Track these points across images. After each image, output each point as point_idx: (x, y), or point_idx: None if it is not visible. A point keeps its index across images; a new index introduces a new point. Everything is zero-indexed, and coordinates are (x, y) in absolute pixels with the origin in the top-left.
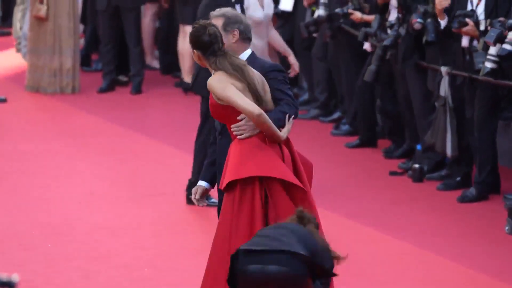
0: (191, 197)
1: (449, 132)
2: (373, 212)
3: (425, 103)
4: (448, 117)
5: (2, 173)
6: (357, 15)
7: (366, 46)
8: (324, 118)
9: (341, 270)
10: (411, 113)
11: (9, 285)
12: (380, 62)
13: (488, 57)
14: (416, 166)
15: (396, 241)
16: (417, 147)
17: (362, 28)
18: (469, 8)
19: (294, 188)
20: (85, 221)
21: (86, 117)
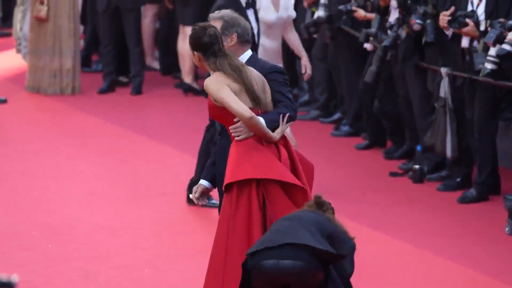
0: (191, 196)
1: (449, 133)
2: (373, 213)
3: (425, 104)
4: (448, 118)
5: (2, 174)
6: (361, 13)
7: (367, 45)
8: (324, 119)
9: None
10: (411, 114)
11: (9, 286)
12: (381, 63)
13: (488, 58)
14: (416, 167)
15: (396, 242)
16: (417, 148)
17: (363, 30)
18: (470, 9)
19: (293, 188)
20: (85, 221)
21: (86, 118)
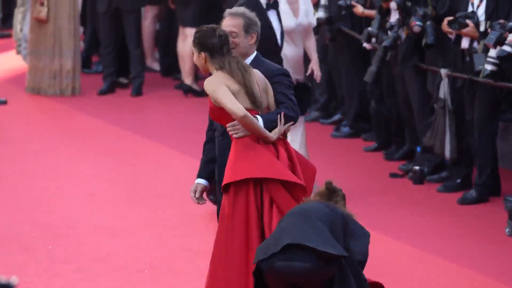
0: (191, 196)
1: (448, 134)
2: (373, 214)
3: (424, 105)
4: (447, 119)
5: (2, 174)
6: (359, 9)
7: (366, 45)
8: (325, 120)
9: None
10: (411, 115)
11: None
12: (381, 64)
13: (488, 59)
14: (417, 168)
15: (396, 243)
16: (417, 149)
17: (365, 30)
18: (470, 10)
19: (294, 186)
20: (85, 222)
21: (87, 119)
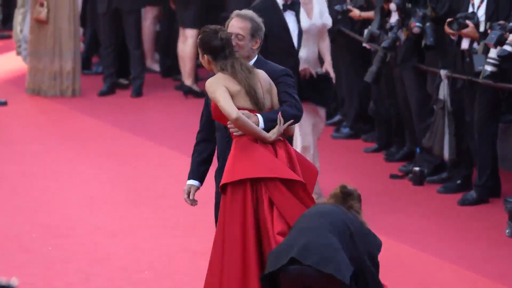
0: (184, 198)
1: (447, 136)
2: (373, 215)
3: (423, 106)
4: (447, 121)
5: (2, 175)
6: (356, 13)
7: (366, 44)
8: None
9: None
10: (411, 116)
11: None
12: (381, 64)
13: (488, 60)
14: (417, 169)
15: (396, 244)
16: (417, 150)
17: (367, 29)
18: (470, 11)
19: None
20: (85, 223)
21: (87, 120)
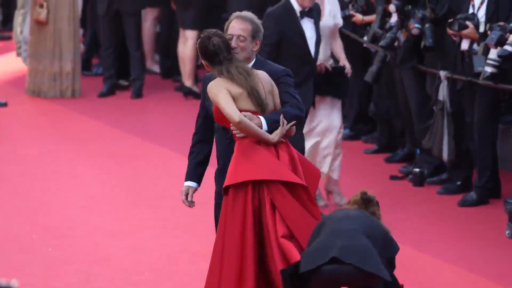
0: (182, 199)
1: (446, 136)
2: None
3: (422, 107)
4: (446, 122)
5: (2, 176)
6: (358, 17)
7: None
8: None
9: None
10: (411, 117)
11: None
12: (382, 64)
13: (488, 61)
14: (417, 170)
15: None
16: (417, 151)
17: (370, 30)
18: (471, 12)
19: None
20: (85, 224)
21: (87, 121)
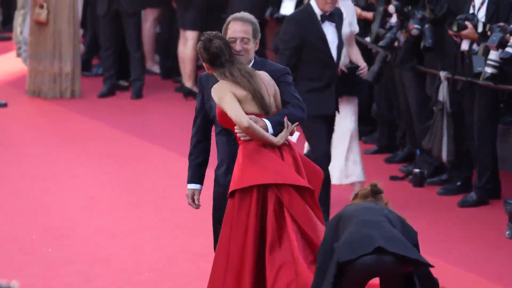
0: (189, 202)
1: (445, 137)
2: None
3: (422, 108)
4: (445, 122)
5: (2, 177)
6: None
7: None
8: None
9: None
10: (411, 117)
11: None
12: (382, 64)
13: (488, 62)
14: (417, 171)
15: None
16: (417, 152)
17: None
18: (471, 12)
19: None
20: (85, 225)
21: (87, 122)
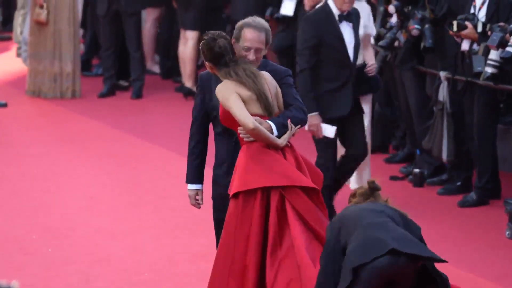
0: (192, 203)
1: (445, 137)
2: None
3: (422, 108)
4: (445, 122)
5: (2, 177)
6: None
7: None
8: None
9: None
10: (411, 117)
11: None
12: (383, 63)
13: (489, 62)
14: (417, 171)
15: None
16: (417, 152)
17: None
18: (472, 12)
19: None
20: (85, 225)
21: (87, 122)
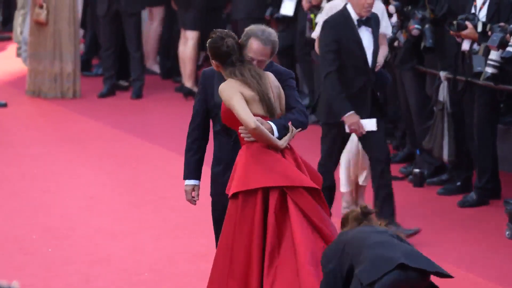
0: (188, 198)
1: (446, 137)
2: None
3: (422, 108)
4: (446, 122)
5: (2, 177)
6: None
7: None
8: None
9: None
10: (411, 118)
11: None
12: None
13: (489, 62)
14: (417, 171)
15: None
16: (417, 152)
17: None
18: (472, 12)
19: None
20: (85, 225)
21: (87, 122)
